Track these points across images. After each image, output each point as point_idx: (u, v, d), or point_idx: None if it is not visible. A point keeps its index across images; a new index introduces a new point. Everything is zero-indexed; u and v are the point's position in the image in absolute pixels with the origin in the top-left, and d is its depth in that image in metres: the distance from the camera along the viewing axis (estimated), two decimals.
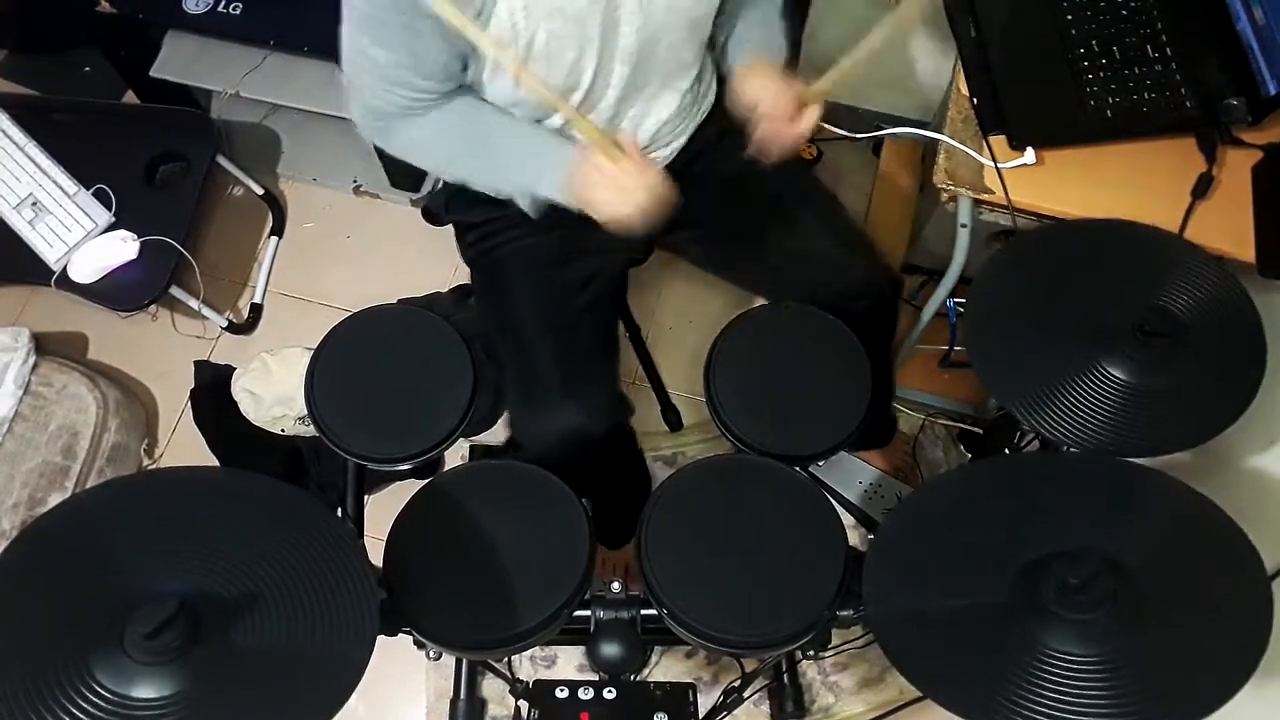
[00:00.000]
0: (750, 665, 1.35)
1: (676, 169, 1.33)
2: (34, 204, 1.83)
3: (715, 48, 1.27)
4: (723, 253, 1.41)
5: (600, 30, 1.04)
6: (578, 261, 1.29)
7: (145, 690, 0.73)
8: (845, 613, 1.03)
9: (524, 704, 1.24)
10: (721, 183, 1.34)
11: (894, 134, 1.62)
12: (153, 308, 1.97)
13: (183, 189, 1.95)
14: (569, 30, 1.02)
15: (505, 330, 1.28)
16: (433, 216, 1.43)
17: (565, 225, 1.17)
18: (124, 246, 1.83)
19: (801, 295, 1.25)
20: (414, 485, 1.07)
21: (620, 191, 1.07)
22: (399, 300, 1.87)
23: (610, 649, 1.08)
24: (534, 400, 1.24)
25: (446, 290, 2.02)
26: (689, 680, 1.18)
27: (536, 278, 1.29)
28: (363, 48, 1.04)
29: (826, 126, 1.37)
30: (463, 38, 0.98)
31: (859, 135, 1.50)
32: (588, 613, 1.08)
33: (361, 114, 1.14)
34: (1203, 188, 1.21)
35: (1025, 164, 1.24)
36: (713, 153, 1.34)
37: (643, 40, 1.08)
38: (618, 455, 1.46)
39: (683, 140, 1.30)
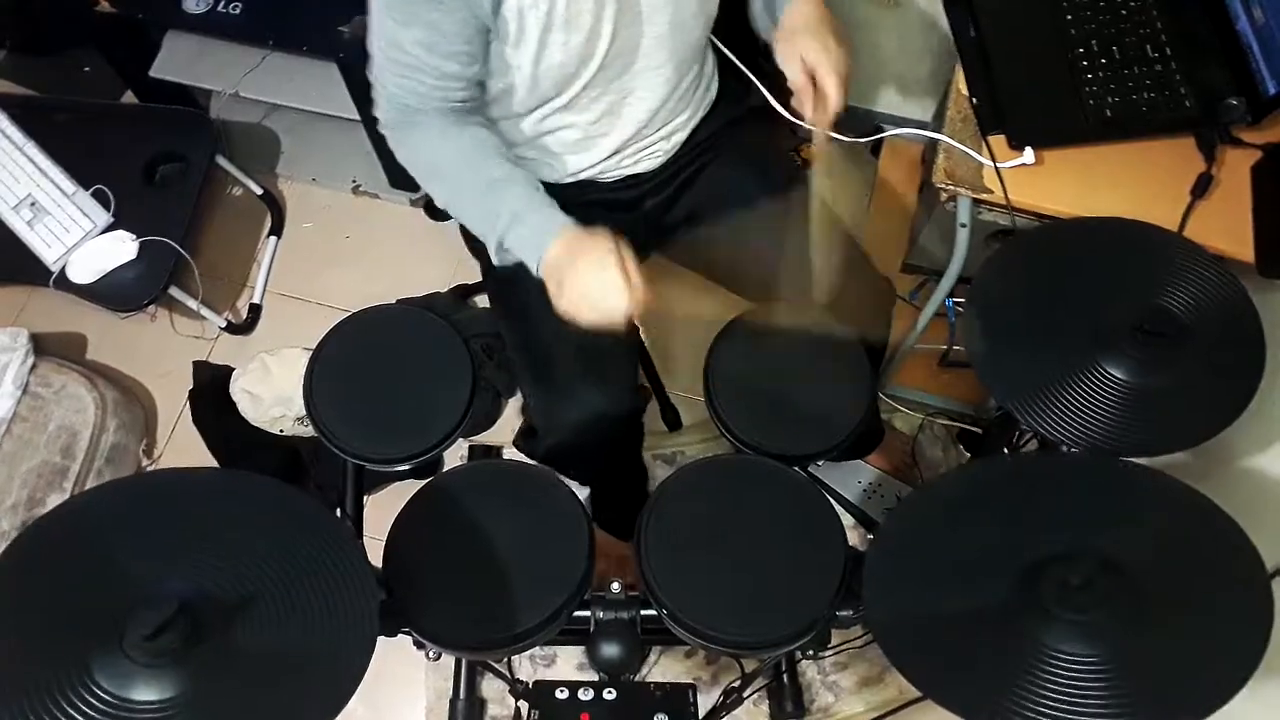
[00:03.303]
0: (750, 665, 1.35)
1: (677, 166, 1.33)
2: (33, 204, 1.83)
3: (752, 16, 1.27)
4: (712, 256, 1.40)
5: None
6: None
7: (145, 692, 0.73)
8: (845, 613, 1.03)
9: (524, 704, 1.24)
10: (717, 186, 1.34)
11: (894, 134, 1.62)
12: (151, 308, 1.97)
13: (182, 189, 1.95)
14: None
15: (521, 323, 1.28)
16: (435, 211, 1.43)
17: (565, 212, 1.16)
18: (123, 247, 1.82)
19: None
20: (414, 485, 1.07)
21: (600, 289, 1.04)
22: (398, 300, 1.87)
23: (610, 649, 1.07)
24: (556, 387, 1.24)
25: (446, 290, 2.02)
26: (689, 680, 1.18)
27: None
28: (386, 30, 1.04)
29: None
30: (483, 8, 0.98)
31: (859, 136, 1.49)
32: (587, 613, 1.08)
33: (384, 110, 1.13)
34: (1202, 187, 1.21)
35: (1024, 164, 1.24)
36: (711, 153, 1.34)
37: (655, 8, 1.08)
38: (630, 444, 1.46)
39: (685, 133, 1.30)
